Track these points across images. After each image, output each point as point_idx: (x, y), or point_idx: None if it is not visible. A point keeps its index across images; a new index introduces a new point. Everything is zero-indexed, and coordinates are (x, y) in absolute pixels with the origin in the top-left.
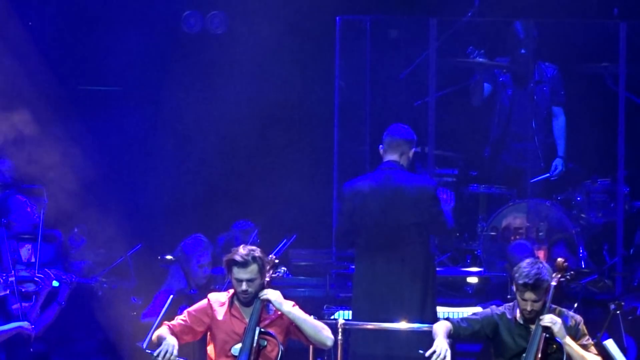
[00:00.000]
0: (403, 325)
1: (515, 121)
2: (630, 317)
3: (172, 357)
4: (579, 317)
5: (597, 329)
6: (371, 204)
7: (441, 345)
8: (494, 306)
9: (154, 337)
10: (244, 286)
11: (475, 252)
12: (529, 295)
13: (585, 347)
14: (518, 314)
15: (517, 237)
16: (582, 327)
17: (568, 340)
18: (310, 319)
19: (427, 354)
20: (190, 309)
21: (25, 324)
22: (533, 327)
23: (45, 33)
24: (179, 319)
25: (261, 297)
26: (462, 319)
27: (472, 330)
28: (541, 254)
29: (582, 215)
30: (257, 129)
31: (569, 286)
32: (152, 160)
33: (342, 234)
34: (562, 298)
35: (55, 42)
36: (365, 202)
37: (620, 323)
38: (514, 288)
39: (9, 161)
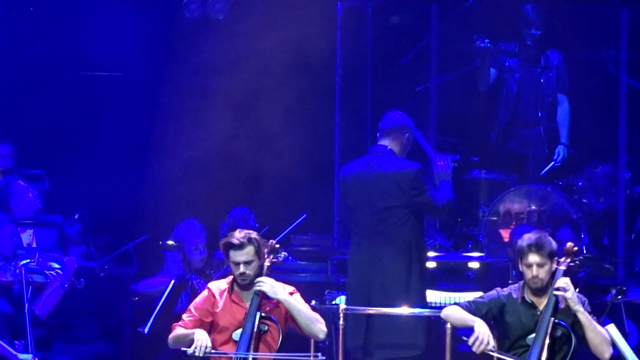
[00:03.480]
0: (404, 310)
1: (521, 107)
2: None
3: (209, 349)
4: (583, 297)
5: (598, 314)
6: (354, 189)
7: (483, 330)
8: (498, 288)
9: (175, 338)
10: (241, 269)
11: (477, 238)
12: (533, 257)
13: None
14: (525, 293)
15: (519, 222)
16: (587, 305)
17: (581, 308)
18: (306, 309)
19: (470, 341)
20: (194, 303)
21: (26, 356)
22: (541, 307)
23: (46, 18)
24: (186, 318)
25: (255, 288)
26: (470, 303)
27: (480, 314)
28: None
29: (584, 200)
30: (258, 116)
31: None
32: (153, 146)
33: (341, 220)
34: None
35: (56, 27)
36: (350, 186)
37: (621, 308)
38: (519, 261)
39: (10, 146)
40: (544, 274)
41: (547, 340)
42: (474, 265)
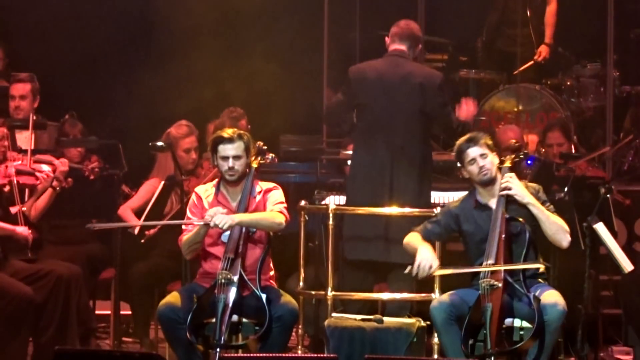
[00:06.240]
0: (394, 210)
1: (510, 6)
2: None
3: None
4: (537, 185)
5: (587, 213)
6: (377, 89)
7: (423, 256)
8: (450, 201)
9: (188, 244)
10: (230, 162)
11: None
12: (473, 151)
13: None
14: (478, 196)
15: (507, 122)
16: (542, 194)
17: (531, 199)
18: (259, 217)
19: (414, 271)
20: (188, 210)
21: (22, 229)
22: (493, 206)
23: None
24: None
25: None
26: (426, 224)
27: (437, 232)
28: (534, 138)
29: (572, 99)
30: (246, 17)
31: (559, 170)
32: (145, 48)
33: (337, 111)
34: (552, 183)
35: None
36: (371, 86)
37: (610, 207)
38: (462, 167)
39: (0, 49)
40: (490, 164)
41: (503, 237)
42: None
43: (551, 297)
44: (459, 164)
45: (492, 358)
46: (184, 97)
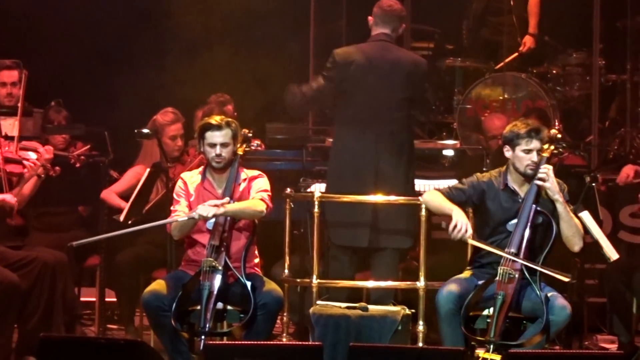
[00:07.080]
0: (379, 198)
1: None
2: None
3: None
4: (563, 184)
5: (572, 201)
6: (366, 75)
7: (461, 218)
8: (478, 174)
9: (180, 228)
10: (217, 150)
11: (451, 125)
12: (535, 143)
13: None
14: (509, 180)
15: (492, 110)
16: (566, 193)
17: (560, 198)
18: (243, 206)
19: (450, 229)
20: (175, 194)
21: (8, 197)
22: (522, 194)
23: None
24: (180, 208)
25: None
26: (450, 188)
27: (459, 199)
28: None
29: (558, 88)
30: (236, 6)
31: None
32: (131, 35)
33: (321, 98)
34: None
35: None
36: (360, 72)
37: (595, 195)
38: (511, 147)
39: None
40: (538, 160)
41: (529, 227)
42: (449, 152)
43: (561, 301)
44: (505, 143)
45: (491, 346)
46: (173, 86)
